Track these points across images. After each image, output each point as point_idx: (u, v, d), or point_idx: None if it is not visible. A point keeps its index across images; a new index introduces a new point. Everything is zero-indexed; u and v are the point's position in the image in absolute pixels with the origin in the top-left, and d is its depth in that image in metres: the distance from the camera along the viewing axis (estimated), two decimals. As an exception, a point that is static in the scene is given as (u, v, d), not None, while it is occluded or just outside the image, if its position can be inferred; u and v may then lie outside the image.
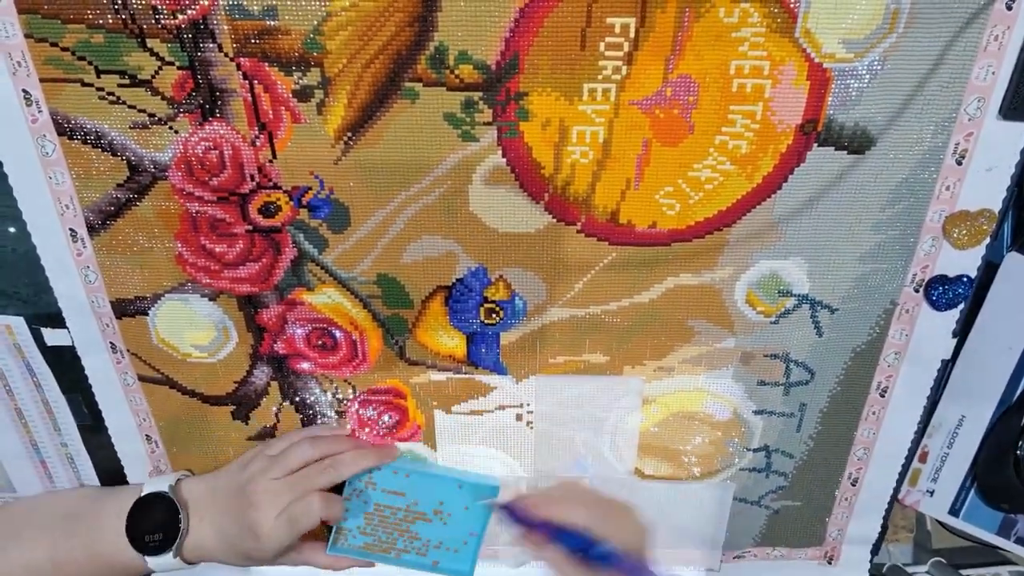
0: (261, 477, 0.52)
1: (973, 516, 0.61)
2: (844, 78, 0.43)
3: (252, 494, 0.51)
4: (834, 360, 0.54)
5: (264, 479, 0.52)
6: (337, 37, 0.42)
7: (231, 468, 0.56)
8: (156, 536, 0.52)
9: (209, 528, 0.53)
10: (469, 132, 0.45)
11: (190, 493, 0.54)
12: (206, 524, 0.53)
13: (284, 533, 0.51)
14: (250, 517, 0.51)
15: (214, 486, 0.55)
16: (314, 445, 0.54)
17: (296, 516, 0.51)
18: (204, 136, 0.45)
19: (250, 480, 0.52)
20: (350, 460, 0.54)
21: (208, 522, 0.53)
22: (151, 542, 0.52)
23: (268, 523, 0.50)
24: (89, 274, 0.50)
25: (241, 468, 0.54)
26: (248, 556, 0.52)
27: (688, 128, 0.45)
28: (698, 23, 0.41)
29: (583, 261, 0.50)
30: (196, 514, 0.53)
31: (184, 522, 0.52)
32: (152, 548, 0.52)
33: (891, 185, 0.47)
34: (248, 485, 0.52)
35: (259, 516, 0.50)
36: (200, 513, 0.53)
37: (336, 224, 0.48)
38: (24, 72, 0.43)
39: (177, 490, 0.54)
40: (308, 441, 0.55)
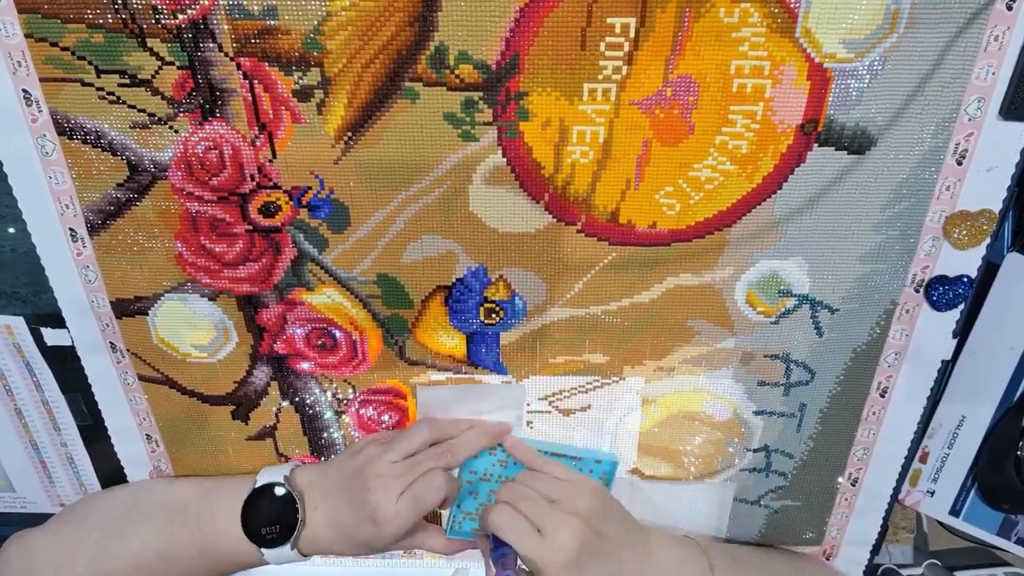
0: (377, 462, 0.50)
1: (973, 517, 0.61)
2: (844, 78, 0.43)
3: (369, 478, 0.50)
4: (834, 360, 0.54)
5: (380, 463, 0.50)
6: (337, 37, 0.42)
7: (342, 456, 0.54)
8: (273, 528, 0.50)
9: (324, 517, 0.51)
10: (469, 132, 0.45)
11: (304, 482, 0.53)
12: (320, 514, 0.51)
13: (407, 514, 0.49)
14: (369, 502, 0.49)
15: (326, 474, 0.53)
16: (430, 428, 0.53)
17: (420, 494, 0.49)
18: (204, 136, 0.45)
19: (364, 466, 0.51)
20: (466, 441, 0.53)
21: (322, 511, 0.51)
22: (268, 535, 0.50)
23: (389, 506, 0.48)
24: (89, 274, 0.50)
25: (352, 455, 0.53)
26: (365, 543, 0.51)
27: (688, 128, 0.45)
28: (698, 23, 0.41)
29: (583, 261, 0.50)
30: (311, 503, 0.52)
31: (302, 512, 0.51)
32: (269, 541, 0.51)
33: (891, 185, 0.47)
34: (365, 469, 0.50)
35: (379, 499, 0.49)
36: (314, 502, 0.52)
37: (336, 224, 0.48)
38: (24, 72, 0.43)
39: (292, 479, 0.53)
40: (425, 424, 0.54)
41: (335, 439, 0.58)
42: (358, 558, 0.65)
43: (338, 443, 0.58)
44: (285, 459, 0.59)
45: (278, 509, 0.51)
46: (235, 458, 0.58)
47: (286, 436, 0.58)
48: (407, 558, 0.65)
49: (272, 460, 0.59)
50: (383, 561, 0.66)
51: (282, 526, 0.51)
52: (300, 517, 0.51)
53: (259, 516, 0.51)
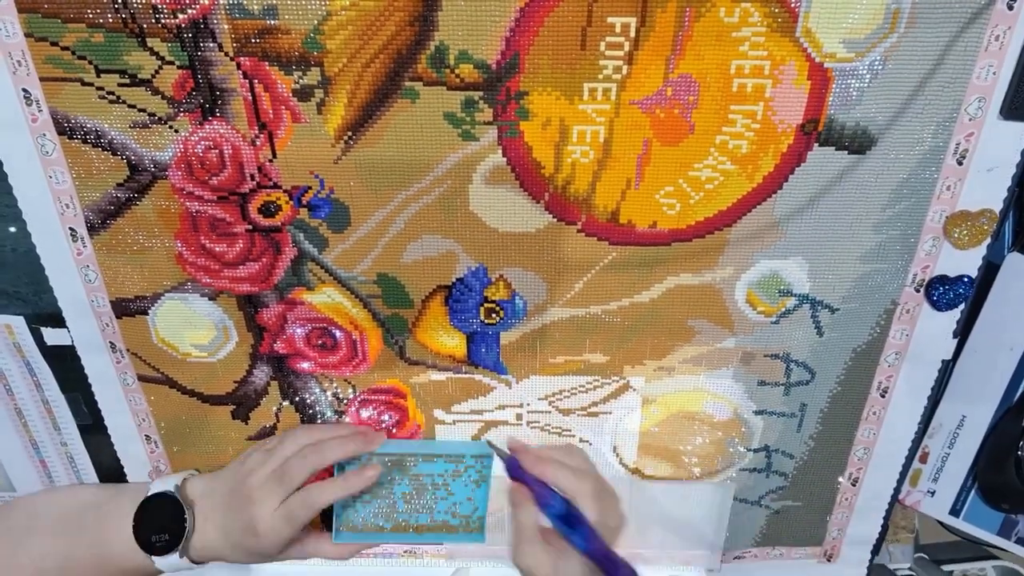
0: (258, 471, 0.52)
1: (974, 516, 0.61)
2: (845, 78, 0.43)
3: (249, 489, 0.51)
4: (835, 360, 0.54)
5: (260, 473, 0.52)
6: (337, 36, 0.42)
7: (232, 465, 0.55)
8: (163, 536, 0.51)
9: (213, 527, 0.52)
10: (469, 131, 0.45)
11: (195, 492, 0.54)
12: (210, 523, 0.52)
13: (282, 528, 0.50)
14: (249, 513, 0.50)
15: (216, 484, 0.54)
16: (307, 432, 0.54)
17: (293, 511, 0.50)
18: (204, 135, 0.45)
19: (247, 475, 0.52)
20: (335, 445, 0.54)
21: (212, 521, 0.52)
22: (157, 542, 0.51)
23: (266, 519, 0.50)
24: (89, 273, 0.50)
25: (239, 464, 0.54)
26: (252, 552, 0.52)
27: (689, 128, 0.45)
28: (699, 23, 0.41)
29: (583, 261, 0.50)
30: (201, 513, 0.53)
31: (190, 521, 0.52)
32: (159, 548, 0.51)
33: (892, 185, 0.47)
34: (246, 480, 0.52)
35: (256, 511, 0.50)
36: (205, 512, 0.53)
37: (336, 223, 0.48)
38: (24, 71, 0.43)
39: (183, 489, 0.54)
40: (302, 430, 0.55)
41: (335, 439, 0.58)
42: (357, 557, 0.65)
43: (338, 443, 0.58)
44: (285, 459, 0.59)
45: (168, 518, 0.52)
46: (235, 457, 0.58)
47: (286, 436, 0.58)
48: (407, 557, 0.65)
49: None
50: (383, 561, 0.66)
51: (171, 534, 0.51)
52: (188, 526, 0.52)
53: (150, 524, 0.52)
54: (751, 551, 0.65)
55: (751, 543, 0.64)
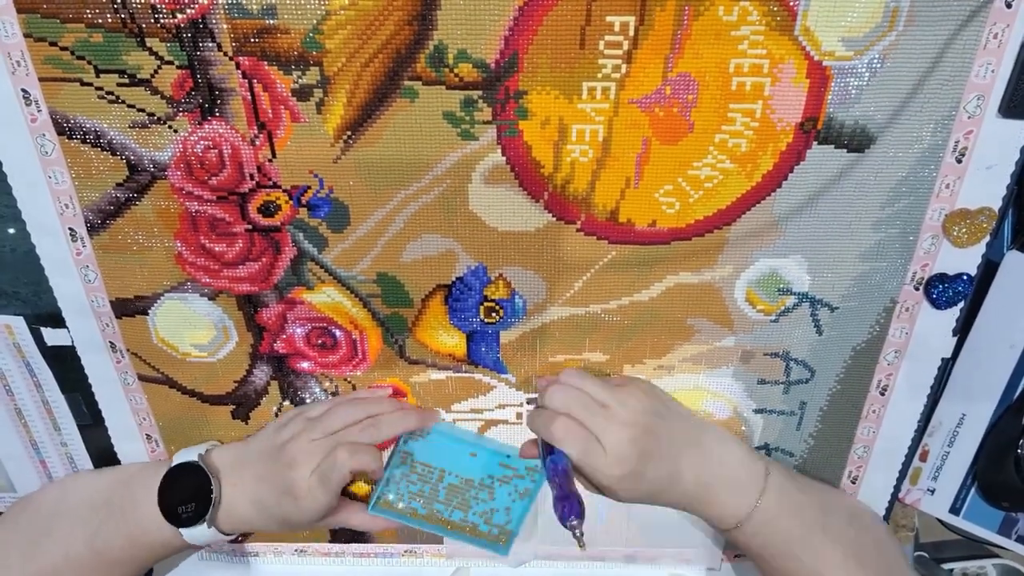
0: (300, 437, 0.50)
1: (974, 515, 0.61)
2: (844, 76, 0.43)
3: (289, 455, 0.49)
4: (834, 358, 0.54)
5: (303, 439, 0.50)
6: (336, 36, 0.42)
7: (266, 431, 0.54)
8: (189, 507, 0.50)
9: (244, 494, 0.51)
10: (468, 131, 0.45)
11: (221, 460, 0.53)
12: (240, 490, 0.51)
13: (318, 490, 0.49)
14: (288, 478, 0.49)
15: (247, 451, 0.53)
16: (356, 405, 0.53)
17: (325, 472, 0.49)
18: (203, 135, 0.45)
19: (287, 442, 0.50)
20: (391, 420, 0.52)
21: (242, 488, 0.51)
22: (184, 513, 0.50)
23: (303, 482, 0.49)
24: (89, 273, 0.50)
25: (277, 430, 0.53)
26: (287, 520, 0.51)
27: (688, 126, 0.45)
28: (697, 21, 0.41)
29: (583, 260, 0.50)
30: (229, 481, 0.51)
31: (216, 490, 0.51)
32: (186, 519, 0.50)
33: (891, 183, 0.47)
34: (287, 446, 0.50)
35: (295, 476, 0.49)
36: (233, 480, 0.51)
37: (336, 223, 0.48)
38: (23, 71, 0.43)
39: (207, 459, 0.53)
40: (350, 402, 0.53)
41: (335, 438, 0.58)
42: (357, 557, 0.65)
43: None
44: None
45: (193, 488, 0.51)
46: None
47: (286, 435, 0.58)
48: (407, 557, 0.65)
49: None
50: (383, 560, 0.66)
51: (198, 504, 0.50)
52: (214, 495, 0.50)
53: (175, 495, 0.51)
54: (751, 550, 0.65)
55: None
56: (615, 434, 0.47)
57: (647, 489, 0.49)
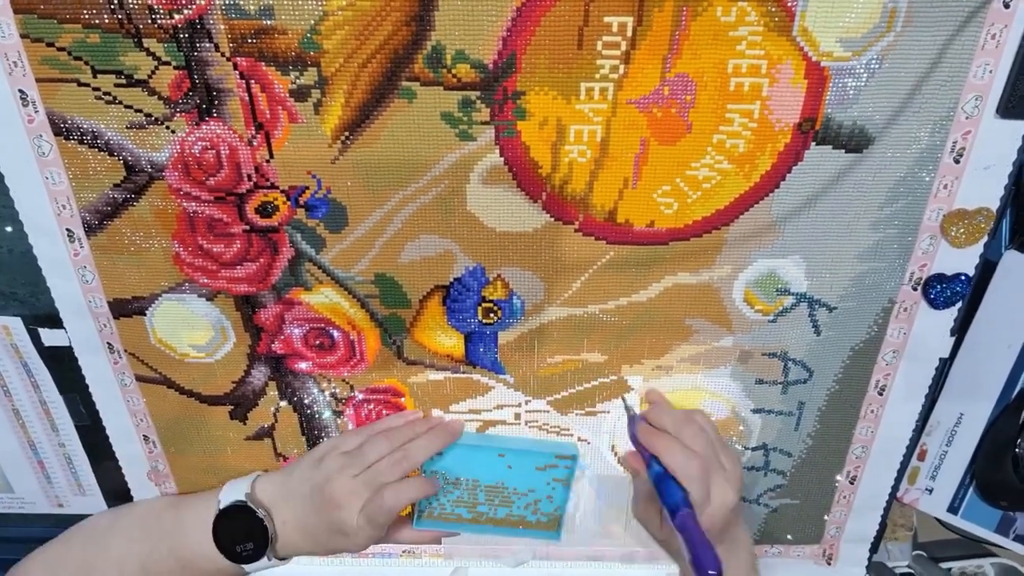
0: (339, 476, 0.52)
1: (972, 514, 0.62)
2: (842, 77, 0.43)
3: (332, 495, 0.51)
4: (832, 358, 0.54)
5: (342, 478, 0.51)
6: (334, 36, 0.42)
7: (302, 466, 0.55)
8: (247, 546, 0.52)
9: (294, 528, 0.53)
10: (466, 131, 0.45)
11: (267, 496, 0.54)
12: (290, 525, 0.53)
13: (368, 528, 0.51)
14: (335, 517, 0.51)
15: (290, 486, 0.54)
16: (388, 439, 0.53)
17: (372, 515, 0.50)
18: (201, 136, 0.45)
19: (328, 480, 0.52)
20: (419, 447, 0.53)
21: (291, 522, 0.53)
22: (243, 552, 0.52)
23: (353, 521, 0.50)
24: (86, 274, 0.50)
25: (314, 466, 0.53)
26: (340, 550, 0.53)
27: (686, 127, 0.45)
28: (695, 22, 0.41)
29: (581, 260, 0.50)
30: (279, 517, 0.53)
31: (271, 527, 0.53)
32: (246, 557, 0.53)
33: (889, 184, 0.47)
34: (327, 485, 0.52)
35: (344, 516, 0.50)
36: (283, 516, 0.53)
37: (334, 224, 0.48)
38: (20, 72, 0.42)
39: (254, 495, 0.54)
40: (383, 435, 0.54)
41: (333, 439, 0.58)
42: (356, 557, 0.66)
43: (336, 443, 0.58)
44: (283, 459, 0.59)
45: (248, 527, 0.53)
46: (233, 458, 0.58)
47: (284, 436, 0.58)
48: (406, 558, 0.65)
49: (270, 460, 0.59)
50: (382, 560, 0.66)
51: (255, 542, 0.52)
52: (271, 533, 0.53)
53: (230, 536, 0.53)
54: (749, 549, 0.65)
55: (749, 541, 0.64)
56: (724, 494, 0.48)
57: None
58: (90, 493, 0.61)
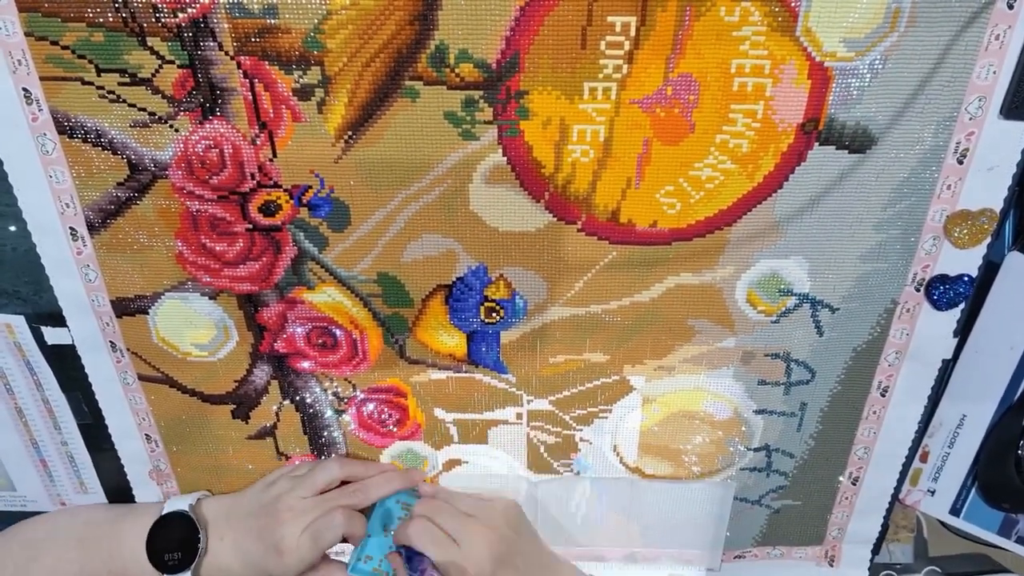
0: (288, 496, 0.53)
1: (974, 516, 0.61)
2: (845, 77, 0.43)
3: (278, 512, 0.52)
4: (835, 359, 0.54)
5: (290, 497, 0.52)
6: (337, 36, 0.42)
7: (254, 488, 0.56)
8: (175, 555, 0.52)
9: (230, 547, 0.53)
10: (469, 131, 0.45)
11: (211, 512, 0.55)
12: (227, 543, 0.53)
13: (307, 549, 0.51)
14: (275, 534, 0.51)
15: (235, 505, 0.55)
16: (341, 466, 0.55)
17: (319, 531, 0.51)
18: (204, 135, 0.45)
19: (276, 499, 0.53)
20: (377, 483, 0.55)
21: (229, 541, 0.53)
22: (170, 560, 0.52)
23: (292, 539, 0.51)
24: (89, 273, 0.50)
25: (265, 488, 0.55)
26: (271, 573, 0.52)
27: (689, 127, 0.45)
28: (699, 22, 0.41)
29: (584, 260, 0.50)
30: (216, 533, 0.53)
31: (203, 541, 0.53)
32: (171, 567, 0.52)
33: (892, 184, 0.47)
34: (274, 504, 0.52)
35: (284, 532, 0.51)
36: (220, 532, 0.53)
37: (336, 223, 0.48)
38: (24, 70, 0.43)
39: (197, 509, 0.54)
40: (335, 461, 0.55)
41: (335, 438, 0.58)
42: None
43: (338, 442, 0.58)
44: (285, 458, 0.59)
45: (181, 537, 0.53)
46: (235, 457, 0.58)
47: (286, 435, 0.58)
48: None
49: (272, 459, 0.59)
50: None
51: (184, 553, 0.52)
52: (201, 545, 0.52)
53: (163, 543, 0.53)
54: (751, 550, 0.65)
55: (751, 542, 0.64)
56: (472, 534, 0.52)
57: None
58: (92, 492, 0.61)
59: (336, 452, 0.59)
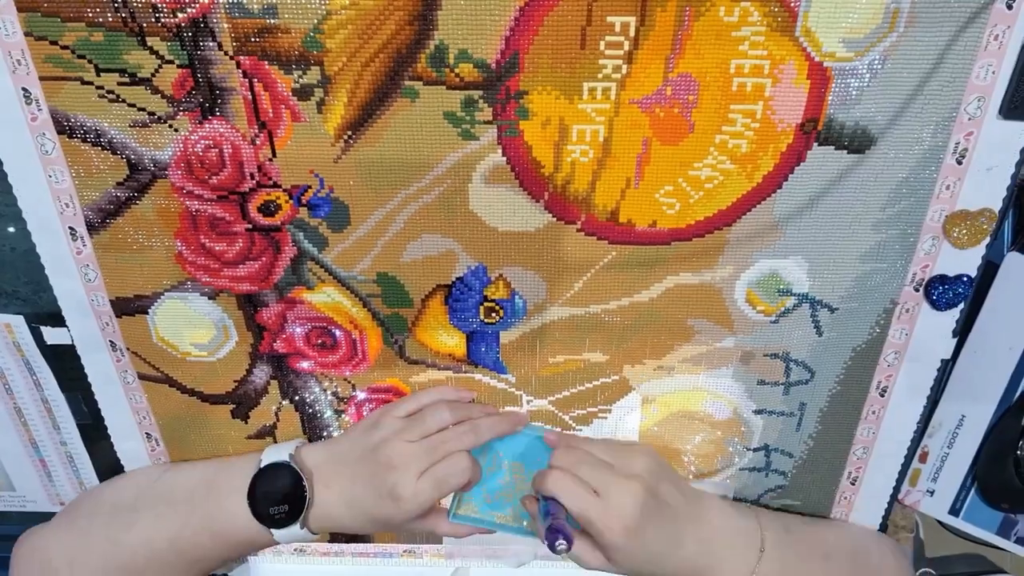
0: (396, 439, 0.50)
1: (973, 516, 0.61)
2: (844, 77, 0.43)
3: (389, 456, 0.49)
4: (834, 359, 0.54)
5: (399, 441, 0.50)
6: (337, 35, 0.42)
7: (355, 431, 0.53)
8: (282, 508, 0.50)
9: (337, 494, 0.51)
10: (469, 131, 0.45)
11: (312, 459, 0.52)
12: (334, 491, 0.51)
13: (428, 494, 0.48)
14: (388, 479, 0.48)
15: (338, 451, 0.53)
16: (451, 409, 0.52)
17: (443, 476, 0.49)
18: (204, 134, 0.45)
19: (383, 442, 0.50)
20: (488, 425, 0.52)
21: (336, 489, 0.51)
22: (277, 515, 0.50)
23: (409, 485, 0.48)
24: (89, 272, 0.50)
25: (367, 430, 0.52)
26: (383, 520, 0.50)
27: (688, 127, 0.45)
28: (698, 22, 0.41)
29: (583, 260, 0.50)
30: (321, 481, 0.51)
31: (309, 491, 0.50)
32: (279, 520, 0.50)
33: (891, 184, 0.47)
34: (382, 447, 0.50)
35: (400, 478, 0.48)
36: (326, 480, 0.51)
37: (336, 223, 0.48)
38: (24, 70, 0.43)
39: (297, 458, 0.52)
40: (445, 404, 0.52)
41: (335, 438, 0.58)
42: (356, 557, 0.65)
43: (338, 442, 0.58)
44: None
45: (285, 489, 0.51)
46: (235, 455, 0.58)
47: (286, 435, 0.58)
48: (407, 557, 0.65)
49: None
50: (383, 560, 0.66)
51: (290, 505, 0.50)
52: (308, 496, 0.50)
53: (266, 497, 0.51)
54: (750, 550, 0.65)
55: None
56: (616, 486, 0.48)
57: (648, 552, 0.49)
58: (91, 491, 0.61)
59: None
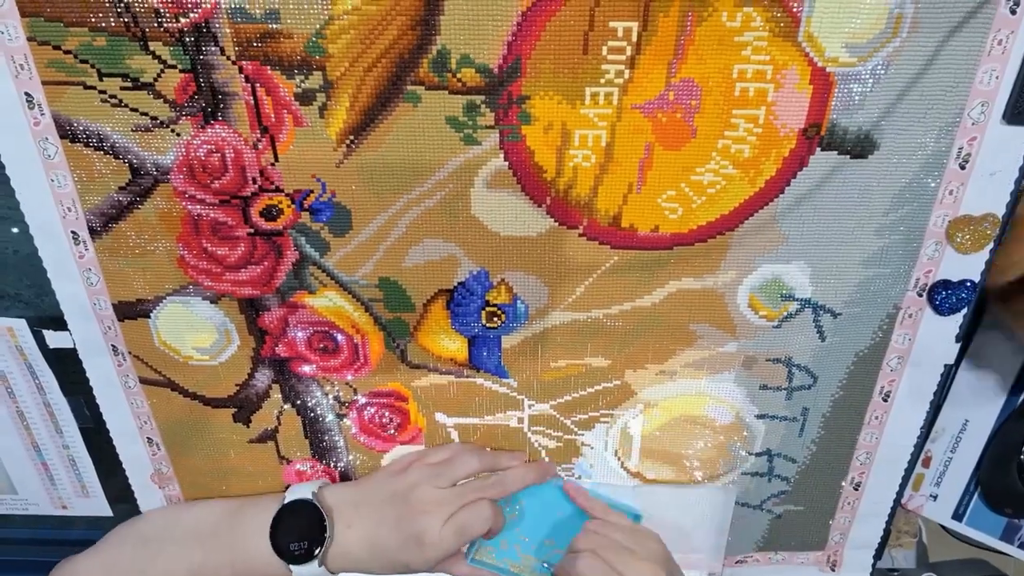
0: (425, 486, 0.52)
1: (976, 521, 0.61)
2: (847, 82, 0.43)
3: (417, 502, 0.51)
4: (837, 364, 0.54)
5: (428, 487, 0.51)
6: (339, 40, 0.42)
7: (382, 475, 0.55)
8: (302, 544, 0.51)
9: (359, 536, 0.52)
10: (471, 135, 0.45)
11: (335, 500, 0.54)
12: (356, 531, 0.52)
13: (451, 540, 0.50)
14: (415, 524, 0.50)
15: (364, 492, 0.54)
16: (479, 458, 0.54)
17: (466, 523, 0.50)
18: (206, 139, 0.45)
19: (413, 487, 0.52)
20: (516, 476, 0.55)
21: (358, 529, 0.52)
22: (296, 550, 0.51)
23: (435, 531, 0.50)
24: (91, 276, 0.50)
25: (395, 475, 0.54)
26: (405, 564, 0.51)
27: (691, 132, 0.45)
28: (701, 27, 0.41)
29: (585, 265, 0.50)
30: (342, 520, 0.52)
31: (329, 529, 0.52)
32: (298, 557, 0.51)
33: (894, 189, 0.47)
34: (412, 492, 0.51)
35: (427, 522, 0.50)
36: (348, 520, 0.53)
37: (338, 227, 0.48)
38: (26, 75, 0.43)
39: (320, 496, 0.54)
40: (473, 453, 0.55)
41: (336, 442, 0.58)
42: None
43: (339, 446, 0.58)
44: (287, 462, 0.59)
45: (306, 526, 0.52)
46: (236, 461, 0.58)
47: (287, 439, 0.58)
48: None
49: (274, 463, 0.59)
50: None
51: (310, 542, 0.51)
52: (328, 534, 0.52)
53: (287, 532, 0.52)
54: (753, 555, 0.65)
55: (753, 547, 0.64)
56: (639, 571, 0.50)
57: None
58: (93, 495, 0.61)
59: (338, 456, 0.59)
